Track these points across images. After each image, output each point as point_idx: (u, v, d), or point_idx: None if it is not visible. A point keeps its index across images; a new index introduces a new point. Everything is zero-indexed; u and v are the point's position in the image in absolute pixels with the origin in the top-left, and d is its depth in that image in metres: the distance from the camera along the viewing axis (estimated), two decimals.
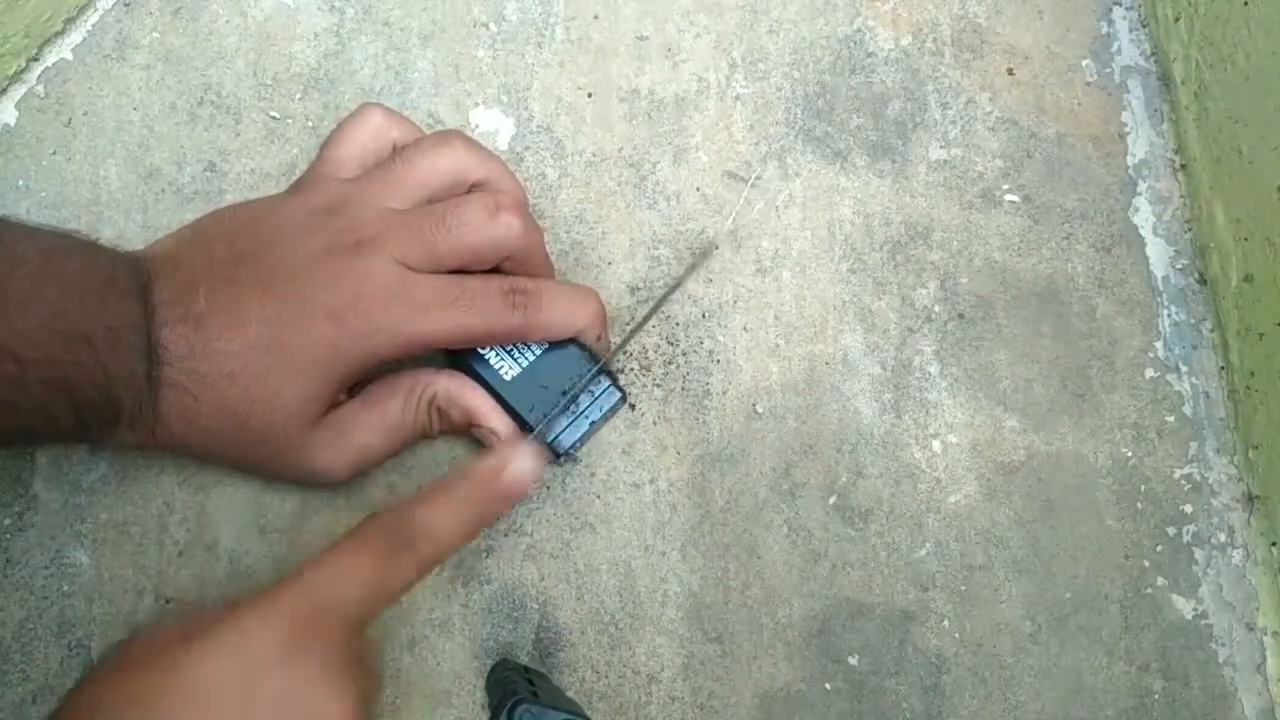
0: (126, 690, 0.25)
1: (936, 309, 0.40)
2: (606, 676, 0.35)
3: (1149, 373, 0.40)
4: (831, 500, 0.38)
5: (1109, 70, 0.43)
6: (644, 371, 0.38)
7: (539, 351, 0.35)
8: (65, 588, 0.35)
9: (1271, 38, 0.35)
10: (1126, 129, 0.42)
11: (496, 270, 0.34)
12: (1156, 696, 0.36)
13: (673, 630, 0.36)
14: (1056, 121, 0.42)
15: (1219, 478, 0.39)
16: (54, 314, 0.28)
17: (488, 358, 0.34)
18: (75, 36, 0.40)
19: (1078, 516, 0.38)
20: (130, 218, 0.38)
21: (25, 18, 0.37)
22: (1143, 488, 0.38)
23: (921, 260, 0.40)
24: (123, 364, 0.29)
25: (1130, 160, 0.42)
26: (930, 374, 0.39)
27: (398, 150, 0.34)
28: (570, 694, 0.35)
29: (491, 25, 0.41)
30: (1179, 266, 0.41)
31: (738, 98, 0.41)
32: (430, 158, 0.33)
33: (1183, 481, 0.38)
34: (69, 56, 0.39)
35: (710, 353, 0.39)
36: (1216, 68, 0.39)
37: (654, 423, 0.38)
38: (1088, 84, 0.42)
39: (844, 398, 0.38)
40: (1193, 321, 0.40)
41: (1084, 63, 0.43)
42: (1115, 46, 0.43)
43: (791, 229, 0.40)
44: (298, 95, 0.40)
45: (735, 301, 0.39)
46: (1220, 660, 0.37)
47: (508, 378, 0.34)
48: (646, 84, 0.41)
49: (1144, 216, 0.41)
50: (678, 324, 0.39)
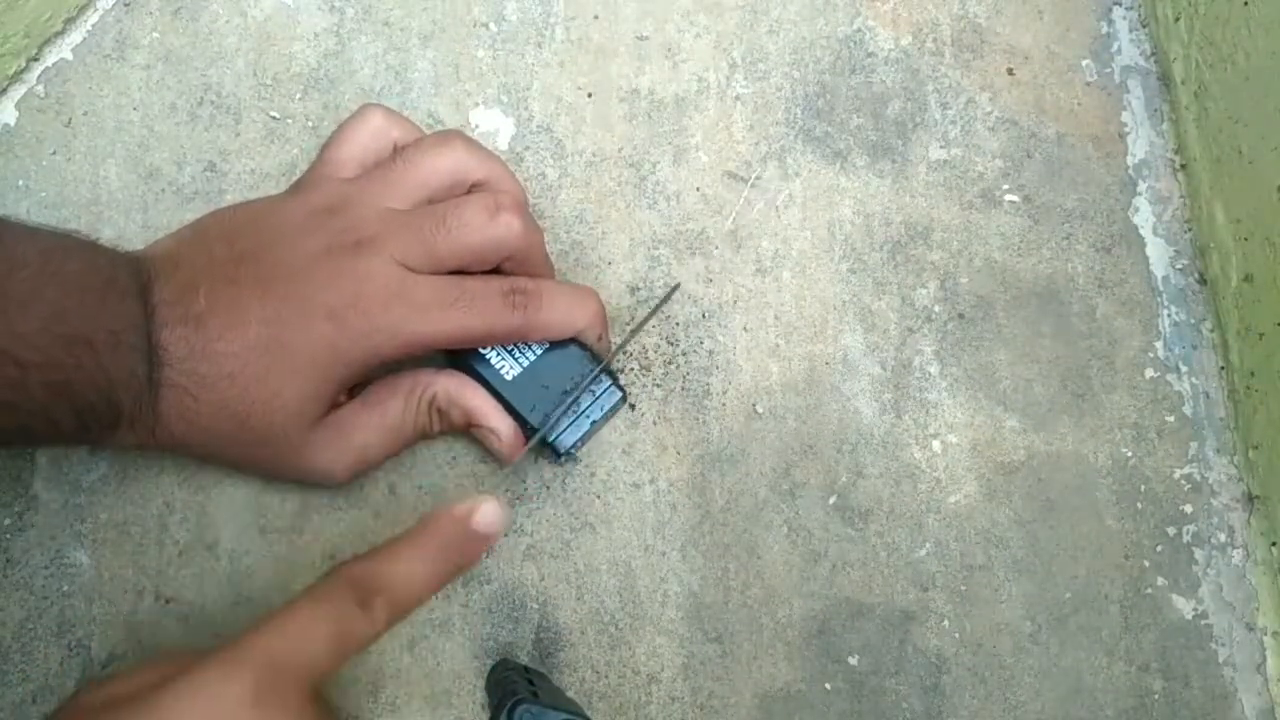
0: None
1: (936, 309, 0.40)
2: (606, 676, 0.35)
3: (1149, 373, 0.40)
4: (831, 500, 0.38)
5: (1109, 70, 0.43)
6: (644, 371, 0.38)
7: (540, 351, 0.35)
8: (65, 588, 0.35)
9: (1271, 38, 0.35)
10: (1126, 129, 0.42)
11: (497, 271, 0.34)
12: (1156, 696, 0.36)
13: (673, 630, 0.36)
14: (1056, 121, 0.42)
15: (1219, 478, 0.39)
16: (54, 316, 0.28)
17: (488, 357, 0.34)
18: (75, 36, 0.40)
19: (1078, 516, 0.38)
20: (130, 218, 0.38)
21: (25, 18, 0.37)
22: (1143, 488, 0.38)
23: (921, 260, 0.40)
24: (123, 366, 0.29)
25: (1130, 160, 0.42)
26: (930, 374, 0.39)
27: (398, 151, 0.34)
28: (570, 694, 0.35)
29: (491, 25, 0.41)
30: (1179, 266, 0.41)
31: (738, 98, 0.41)
32: (430, 158, 0.33)
33: (1183, 481, 0.38)
34: (69, 56, 0.39)
35: (710, 353, 0.39)
36: (1216, 68, 0.39)
37: (654, 423, 0.38)
38: (1088, 84, 0.42)
39: (844, 398, 0.38)
40: (1193, 321, 0.40)
41: (1084, 63, 0.43)
42: (1115, 46, 0.43)
43: (791, 229, 0.40)
44: (298, 95, 0.40)
45: (735, 301, 0.39)
46: (1220, 660, 0.37)
47: (509, 377, 0.34)
48: (646, 84, 0.41)
49: (1144, 216, 0.41)
50: (678, 324, 0.39)
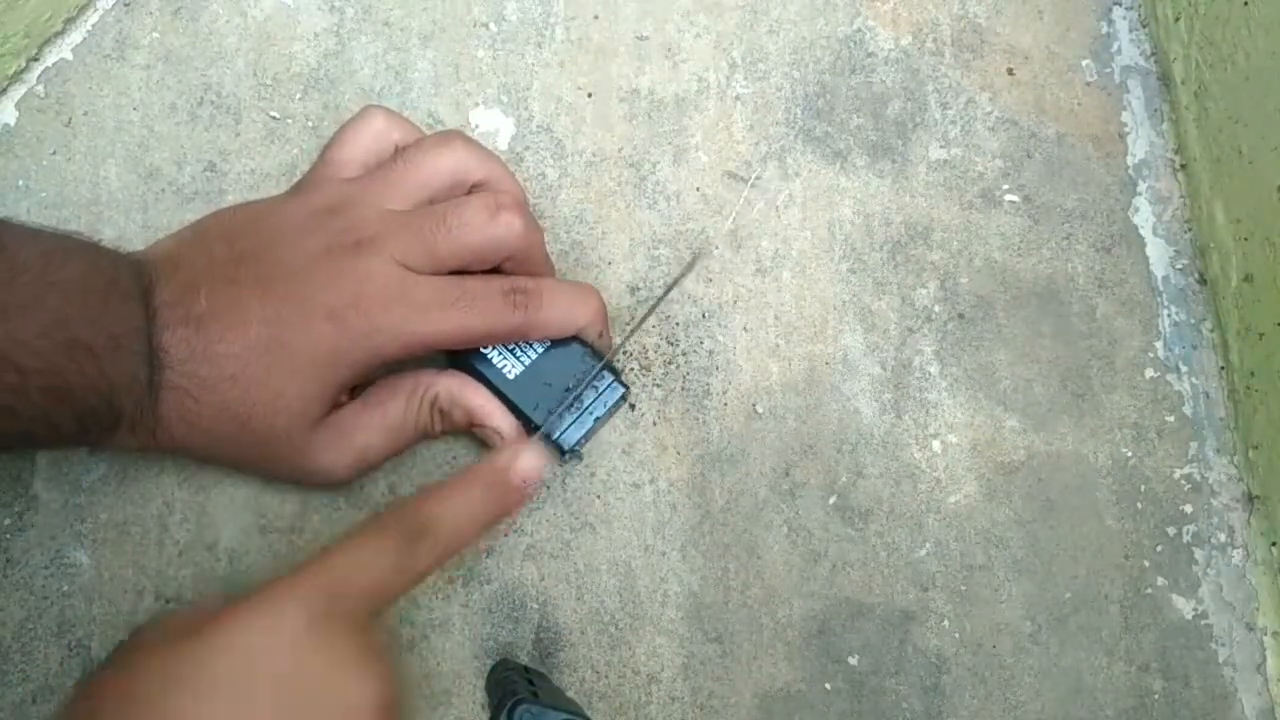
0: (145, 674, 0.25)
1: (936, 309, 0.40)
2: (606, 676, 0.35)
3: (1149, 373, 0.40)
4: (831, 500, 0.38)
5: (1109, 70, 0.43)
6: (644, 371, 0.38)
7: (541, 350, 0.35)
8: (65, 588, 0.35)
9: (1271, 38, 0.35)
10: (1126, 129, 0.42)
11: (497, 270, 0.34)
12: (1156, 696, 0.36)
13: (673, 630, 0.36)
14: (1056, 121, 0.42)
15: (1219, 478, 0.39)
16: (56, 322, 0.28)
17: (490, 357, 0.34)
18: (75, 36, 0.40)
19: (1078, 516, 0.38)
20: (130, 218, 0.38)
21: (25, 18, 0.37)
22: (1143, 488, 0.38)
23: (921, 260, 0.40)
24: (124, 370, 0.29)
25: (1130, 160, 0.42)
26: (930, 374, 0.39)
27: (399, 151, 0.34)
28: (570, 694, 0.35)
29: (491, 25, 0.41)
30: (1179, 266, 0.41)
31: (738, 98, 0.41)
32: (431, 158, 0.33)
33: (1183, 481, 0.39)
34: (69, 56, 0.39)
35: (710, 353, 0.39)
36: (1216, 68, 0.39)
37: (654, 423, 0.38)
38: (1088, 84, 0.42)
39: (844, 398, 0.38)
40: (1193, 321, 0.40)
41: (1084, 63, 0.43)
42: (1115, 46, 0.43)
43: (791, 229, 0.40)
44: (298, 95, 0.40)
45: (735, 301, 0.39)
46: (1220, 660, 0.37)
47: (511, 376, 0.34)
48: (646, 84, 0.41)
49: (1144, 216, 0.41)
50: (678, 324, 0.39)
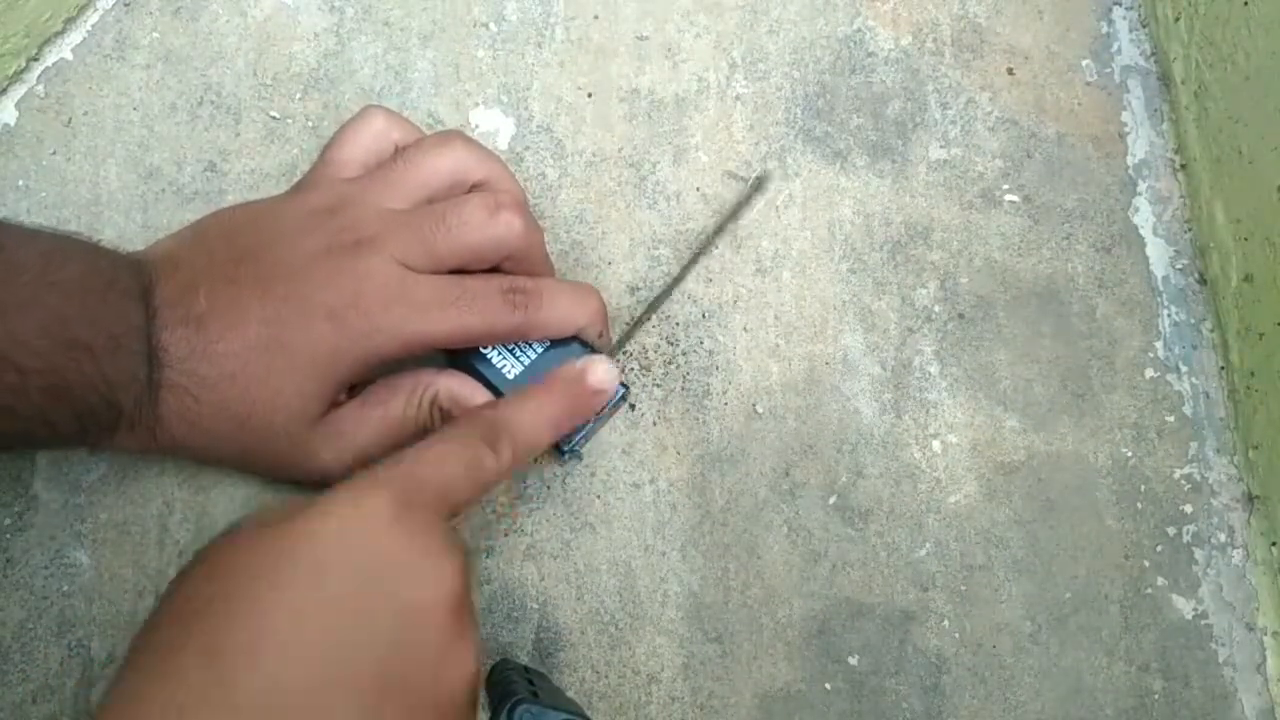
0: (228, 566, 0.25)
1: (936, 309, 0.40)
2: (606, 676, 0.35)
3: (1149, 373, 0.40)
4: (831, 500, 0.38)
5: (1109, 70, 0.43)
6: (644, 371, 0.38)
7: (541, 349, 0.35)
8: (65, 588, 0.35)
9: (1271, 38, 0.35)
10: (1126, 129, 0.42)
11: (496, 270, 0.34)
12: (1156, 696, 0.36)
13: (673, 630, 0.36)
14: (1056, 121, 0.42)
15: (1219, 478, 0.39)
16: (55, 321, 0.28)
17: (490, 356, 0.34)
18: (75, 36, 0.40)
19: (1078, 516, 0.38)
20: (130, 218, 0.38)
21: (25, 18, 0.37)
22: (1143, 488, 0.38)
23: (921, 260, 0.40)
24: (124, 370, 0.29)
25: (1130, 160, 0.42)
26: (930, 374, 0.39)
27: (399, 151, 0.34)
28: (570, 694, 0.35)
29: (491, 25, 0.41)
30: (1179, 266, 0.41)
31: (738, 98, 0.41)
32: (431, 158, 0.33)
33: (1183, 481, 0.38)
34: (69, 56, 0.39)
35: (710, 353, 0.39)
36: (1216, 68, 0.39)
37: (654, 423, 0.38)
38: (1088, 84, 0.42)
39: (844, 398, 0.38)
40: (1193, 321, 0.40)
41: (1084, 63, 0.43)
42: (1115, 46, 0.43)
43: (791, 229, 0.40)
44: (298, 95, 0.40)
45: (735, 301, 0.39)
46: (1220, 660, 0.37)
47: (510, 376, 0.34)
48: (646, 84, 0.41)
49: (1144, 216, 0.41)
50: (678, 324, 0.39)
